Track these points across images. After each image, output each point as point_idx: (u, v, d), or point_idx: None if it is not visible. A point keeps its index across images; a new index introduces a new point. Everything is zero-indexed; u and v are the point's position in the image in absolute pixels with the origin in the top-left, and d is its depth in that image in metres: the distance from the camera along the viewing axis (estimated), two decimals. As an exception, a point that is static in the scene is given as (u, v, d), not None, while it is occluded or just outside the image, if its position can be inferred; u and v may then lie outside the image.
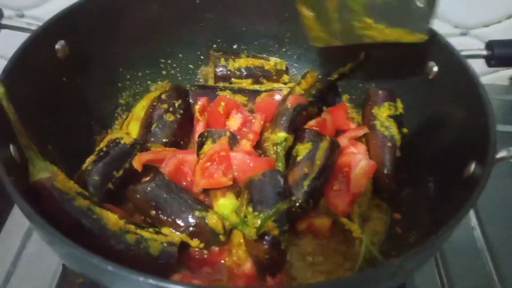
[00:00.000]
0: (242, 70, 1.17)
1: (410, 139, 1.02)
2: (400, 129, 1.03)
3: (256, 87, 1.15)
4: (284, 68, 1.20)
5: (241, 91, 1.12)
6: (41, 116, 0.91)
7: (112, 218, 0.80)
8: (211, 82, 1.19)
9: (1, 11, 0.93)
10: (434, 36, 0.96)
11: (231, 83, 1.17)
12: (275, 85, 1.17)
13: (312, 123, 1.01)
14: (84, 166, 0.94)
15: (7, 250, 1.01)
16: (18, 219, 1.06)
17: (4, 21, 0.93)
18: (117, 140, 0.97)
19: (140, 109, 1.10)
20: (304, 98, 1.05)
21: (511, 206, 1.11)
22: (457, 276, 0.98)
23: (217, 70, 1.16)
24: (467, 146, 0.83)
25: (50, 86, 0.94)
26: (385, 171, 0.98)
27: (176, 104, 1.08)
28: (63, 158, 0.94)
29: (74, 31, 0.96)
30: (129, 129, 1.07)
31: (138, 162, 0.95)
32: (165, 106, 1.07)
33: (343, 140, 1.02)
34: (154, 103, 1.08)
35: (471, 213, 1.09)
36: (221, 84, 1.16)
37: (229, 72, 1.16)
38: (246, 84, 1.16)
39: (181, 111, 1.08)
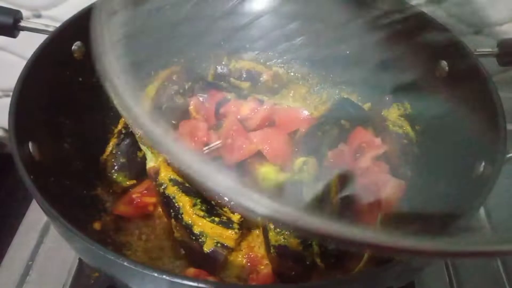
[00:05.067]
0: (243, 72, 1.16)
1: (419, 138, 1.02)
2: (413, 127, 1.02)
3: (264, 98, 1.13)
4: (285, 80, 1.19)
5: (247, 98, 1.09)
6: (57, 115, 0.93)
7: (188, 210, 0.87)
8: (210, 79, 1.18)
9: (20, 14, 0.95)
10: (447, 34, 0.96)
11: (229, 82, 1.16)
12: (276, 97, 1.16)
13: (329, 154, 0.99)
14: (109, 149, 0.99)
15: (26, 243, 1.04)
16: (37, 213, 1.09)
17: (22, 23, 0.95)
18: None
19: (152, 89, 1.11)
20: (314, 118, 1.05)
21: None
22: (466, 276, 0.98)
23: (218, 67, 1.17)
24: (476, 145, 0.83)
25: (66, 86, 0.96)
26: (407, 171, 0.96)
27: (187, 86, 1.10)
28: (79, 155, 0.96)
29: (90, 32, 0.98)
30: None
31: None
32: (176, 87, 1.09)
33: (365, 161, 1.00)
34: (165, 83, 1.10)
35: (483, 217, 1.09)
36: (224, 84, 1.15)
37: (229, 72, 1.16)
38: (245, 86, 1.16)
39: (191, 94, 1.10)
